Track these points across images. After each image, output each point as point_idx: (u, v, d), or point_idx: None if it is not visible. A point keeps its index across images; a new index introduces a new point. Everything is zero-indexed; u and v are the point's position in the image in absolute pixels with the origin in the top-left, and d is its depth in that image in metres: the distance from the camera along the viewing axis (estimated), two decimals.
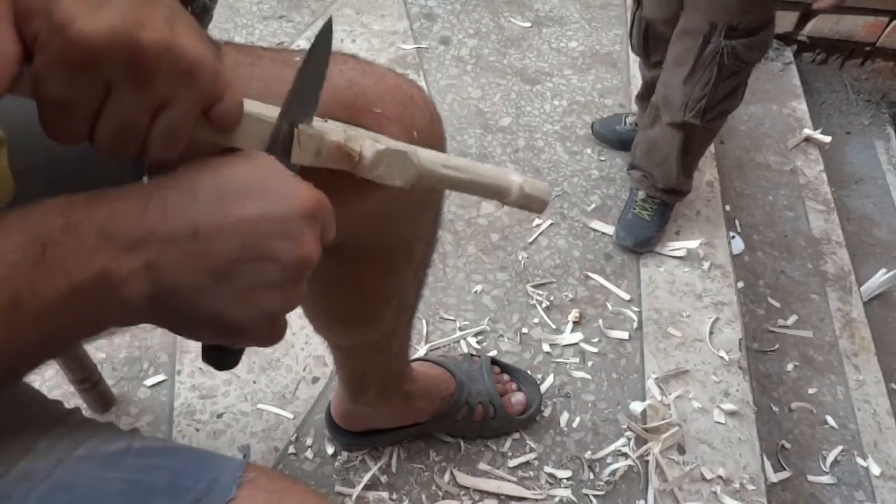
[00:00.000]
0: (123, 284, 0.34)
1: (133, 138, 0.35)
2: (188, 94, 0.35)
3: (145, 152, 0.36)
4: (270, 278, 0.37)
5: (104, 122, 0.34)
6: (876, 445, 1.32)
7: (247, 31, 1.81)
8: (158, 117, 0.35)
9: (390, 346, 0.84)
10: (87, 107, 0.33)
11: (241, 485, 0.40)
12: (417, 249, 0.69)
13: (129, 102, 0.33)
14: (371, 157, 0.42)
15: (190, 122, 0.36)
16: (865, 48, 2.10)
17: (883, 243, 1.78)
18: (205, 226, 0.35)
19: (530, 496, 1.04)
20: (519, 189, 0.48)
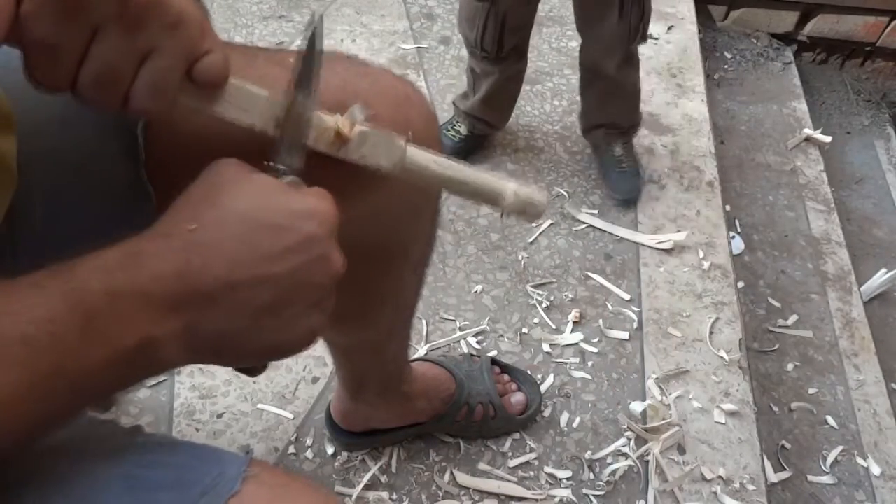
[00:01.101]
0: (165, 345, 0.35)
1: (116, 85, 0.35)
2: (174, 44, 0.35)
3: (128, 104, 0.35)
4: (310, 301, 0.38)
5: (88, 66, 0.33)
6: (876, 445, 1.32)
7: (247, 31, 1.81)
8: (143, 66, 0.35)
9: (389, 346, 0.84)
10: (73, 49, 0.33)
11: (245, 479, 0.41)
12: (416, 249, 0.69)
13: (114, 47, 0.33)
14: (356, 135, 0.42)
15: (174, 75, 0.36)
16: (865, 48, 2.10)
17: (883, 243, 1.78)
18: (244, 276, 0.36)
19: (530, 496, 1.04)
20: (514, 194, 0.47)
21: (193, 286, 0.35)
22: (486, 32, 1.29)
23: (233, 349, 0.37)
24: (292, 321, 0.38)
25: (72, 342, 0.32)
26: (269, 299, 0.36)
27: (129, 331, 0.34)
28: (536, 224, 1.42)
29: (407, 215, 0.63)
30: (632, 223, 1.44)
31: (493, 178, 0.48)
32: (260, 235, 0.36)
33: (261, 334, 0.37)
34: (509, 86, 1.44)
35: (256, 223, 0.37)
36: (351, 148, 0.42)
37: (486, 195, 0.47)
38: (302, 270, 0.37)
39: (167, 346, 0.35)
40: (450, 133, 1.50)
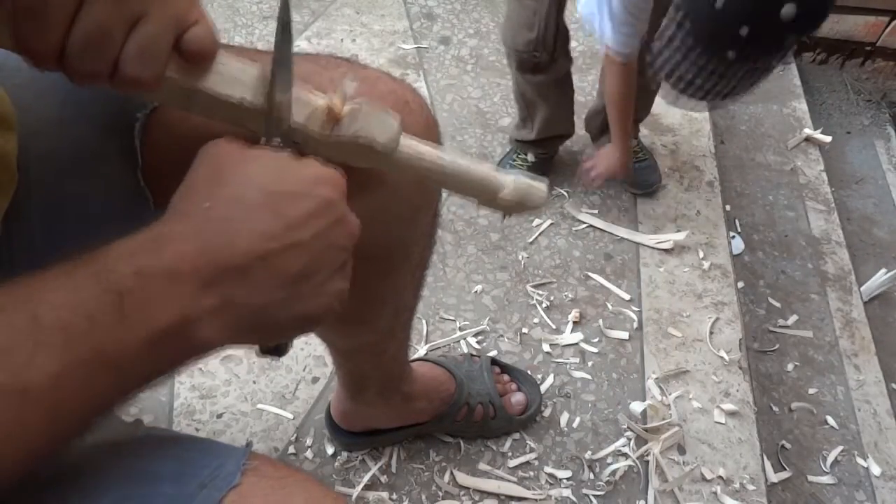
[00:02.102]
0: (202, 323, 0.35)
1: (105, 50, 0.34)
2: (163, 11, 0.35)
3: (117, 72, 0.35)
4: (336, 263, 0.39)
5: (78, 31, 0.33)
6: (876, 445, 1.32)
7: (247, 31, 1.81)
8: (132, 32, 0.34)
9: (389, 347, 0.84)
10: (60, 13, 0.33)
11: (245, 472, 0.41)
12: (415, 251, 0.69)
13: (104, 10, 0.33)
14: (349, 112, 0.41)
15: (164, 41, 0.36)
16: (866, 48, 2.10)
17: (883, 243, 1.78)
18: (270, 245, 0.36)
19: (530, 496, 1.04)
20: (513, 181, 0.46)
21: (222, 262, 0.35)
22: (548, 28, 1.24)
23: (272, 323, 0.37)
24: (323, 286, 0.38)
25: (108, 324, 0.32)
26: (300, 266, 0.37)
27: (163, 310, 0.33)
28: (536, 224, 1.42)
29: (406, 216, 0.63)
30: (632, 223, 1.44)
31: (492, 170, 0.47)
32: (281, 204, 0.37)
33: (296, 303, 0.37)
34: (566, 88, 1.39)
35: (274, 193, 0.37)
36: (344, 125, 0.41)
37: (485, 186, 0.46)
38: (325, 234, 0.38)
39: (204, 324, 0.35)
40: (517, 162, 1.47)
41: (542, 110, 1.39)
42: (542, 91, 1.35)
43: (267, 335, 0.39)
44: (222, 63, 0.39)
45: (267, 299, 0.36)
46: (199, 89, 0.38)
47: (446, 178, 0.46)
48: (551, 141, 1.45)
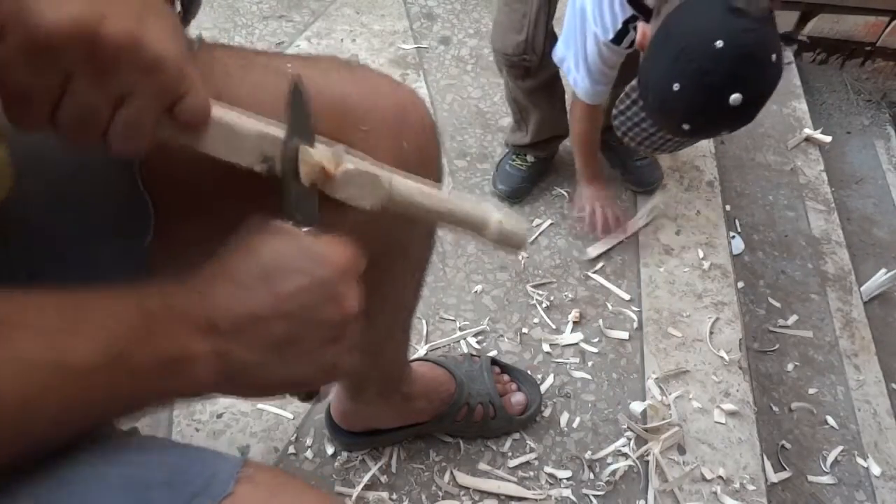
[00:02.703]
0: (198, 364, 0.39)
1: (92, 128, 0.35)
2: (149, 88, 0.35)
3: (106, 145, 0.36)
4: (325, 337, 0.43)
5: (64, 111, 0.34)
6: (876, 445, 1.32)
7: (247, 31, 1.81)
8: (118, 110, 0.35)
9: (389, 347, 0.84)
10: (47, 94, 0.33)
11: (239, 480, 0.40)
12: (414, 252, 0.69)
13: (87, 93, 0.34)
14: (341, 175, 0.43)
15: (150, 118, 0.36)
16: (866, 48, 2.10)
17: (883, 243, 1.78)
18: (261, 311, 0.40)
19: (530, 496, 1.04)
20: (498, 224, 0.48)
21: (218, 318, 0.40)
22: (537, 31, 1.24)
23: (260, 380, 0.42)
24: (310, 355, 0.42)
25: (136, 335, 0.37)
26: (283, 333, 0.41)
27: (174, 341, 0.38)
28: (536, 224, 1.42)
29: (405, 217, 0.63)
30: None
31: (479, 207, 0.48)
32: (274, 278, 0.41)
33: (282, 368, 0.41)
34: (556, 90, 1.38)
35: (273, 268, 0.41)
36: (335, 187, 0.44)
37: (470, 224, 0.48)
38: (313, 309, 0.41)
39: (201, 364, 0.39)
40: (516, 163, 1.47)
41: (535, 114, 1.39)
42: (533, 95, 1.35)
43: (259, 391, 0.44)
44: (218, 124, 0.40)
45: (256, 358, 0.40)
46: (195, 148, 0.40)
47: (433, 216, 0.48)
48: (548, 143, 1.45)
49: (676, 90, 0.97)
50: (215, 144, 0.40)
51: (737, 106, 0.94)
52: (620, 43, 1.11)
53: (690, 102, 0.98)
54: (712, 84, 0.94)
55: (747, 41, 0.93)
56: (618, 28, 1.10)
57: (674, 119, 1.01)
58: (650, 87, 1.02)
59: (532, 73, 1.30)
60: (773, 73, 0.99)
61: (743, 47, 0.93)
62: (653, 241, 1.42)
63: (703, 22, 0.95)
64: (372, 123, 0.50)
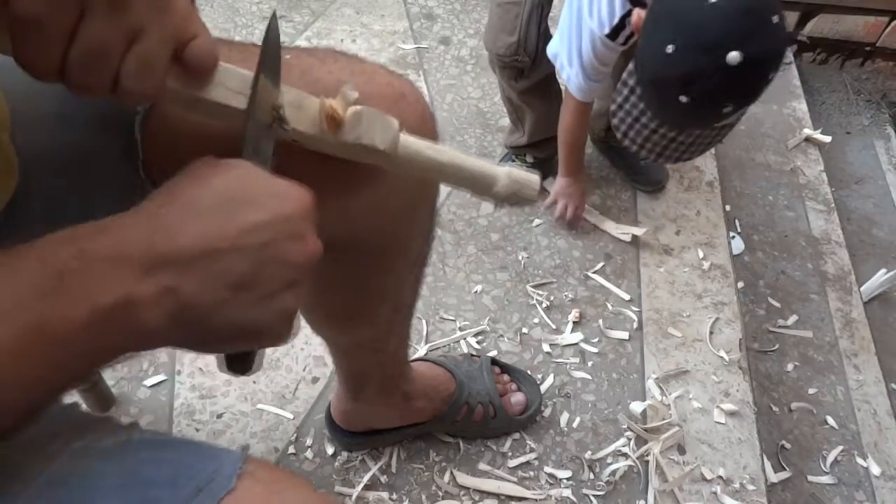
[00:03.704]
0: (145, 308, 0.34)
1: (105, 65, 0.35)
2: (161, 25, 0.35)
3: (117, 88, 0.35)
4: (285, 279, 0.38)
5: (77, 46, 0.33)
6: (876, 445, 1.32)
7: (247, 31, 1.81)
8: (131, 47, 0.35)
9: (388, 345, 0.84)
10: (60, 28, 0.33)
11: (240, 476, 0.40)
12: (413, 247, 0.69)
13: (102, 26, 0.33)
14: (350, 116, 0.42)
15: (162, 56, 0.36)
16: (865, 48, 2.10)
17: (883, 243, 1.78)
18: (218, 242, 0.36)
19: (530, 496, 1.04)
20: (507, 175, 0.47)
21: (164, 252, 0.35)
22: (529, 32, 1.23)
23: (212, 324, 0.37)
24: (267, 300, 0.38)
25: (51, 301, 0.32)
26: (243, 270, 0.37)
27: (106, 290, 0.34)
28: (536, 224, 1.42)
29: (405, 212, 0.63)
30: (632, 223, 1.44)
31: (487, 164, 0.48)
32: (233, 209, 0.37)
33: (237, 310, 0.37)
34: (550, 91, 1.37)
35: (230, 199, 0.37)
36: (346, 130, 0.42)
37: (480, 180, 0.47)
38: (275, 246, 0.37)
39: (147, 307, 0.34)
40: (516, 164, 1.47)
41: (530, 114, 1.39)
42: (527, 96, 1.35)
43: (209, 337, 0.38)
44: (223, 73, 0.39)
45: (208, 298, 0.36)
46: (201, 98, 0.39)
47: (443, 172, 0.47)
48: (545, 143, 1.45)
49: (670, 52, 0.91)
50: (221, 91, 0.39)
51: (736, 65, 0.87)
52: (616, 38, 1.10)
53: (686, 64, 0.91)
54: (708, 41, 0.88)
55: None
56: (615, 23, 1.08)
57: (671, 92, 0.95)
58: (645, 59, 0.97)
59: (525, 74, 1.30)
60: (776, 34, 0.90)
61: (740, 1, 0.87)
62: (653, 241, 1.42)
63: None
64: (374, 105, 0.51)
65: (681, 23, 0.91)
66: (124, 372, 1.11)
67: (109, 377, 1.08)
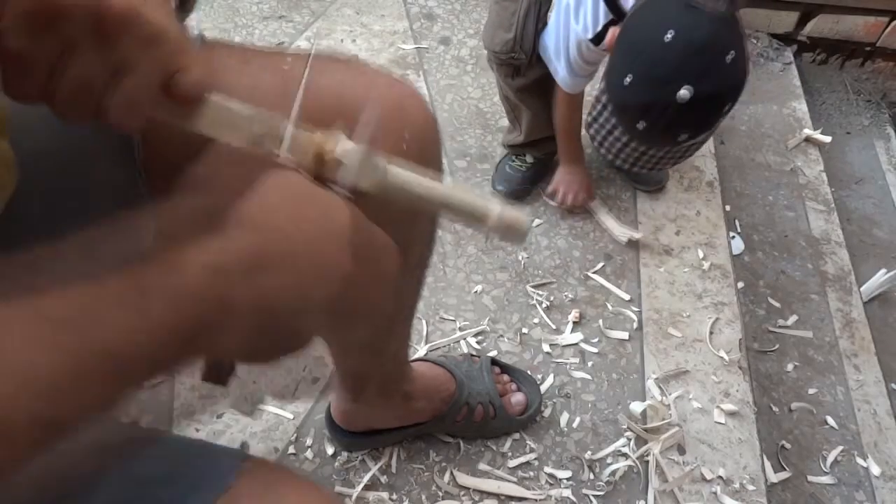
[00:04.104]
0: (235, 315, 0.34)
1: (90, 99, 0.35)
2: (149, 60, 0.35)
3: (103, 118, 0.36)
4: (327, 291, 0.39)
5: (63, 80, 0.34)
6: (876, 446, 1.32)
7: (247, 31, 1.81)
8: (117, 82, 0.35)
9: (389, 346, 0.84)
10: (46, 63, 0.33)
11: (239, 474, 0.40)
12: (415, 249, 0.69)
13: (88, 62, 0.33)
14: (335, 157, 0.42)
15: (148, 91, 0.36)
16: (866, 48, 2.10)
17: (883, 243, 1.78)
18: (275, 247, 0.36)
19: (530, 496, 1.04)
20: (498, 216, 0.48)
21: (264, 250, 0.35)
22: (526, 29, 1.23)
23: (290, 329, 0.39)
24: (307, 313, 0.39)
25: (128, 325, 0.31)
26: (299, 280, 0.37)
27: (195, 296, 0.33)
28: (536, 224, 1.42)
29: (406, 215, 0.63)
30: (632, 223, 1.44)
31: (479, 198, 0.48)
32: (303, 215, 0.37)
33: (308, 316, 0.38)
34: (547, 90, 1.35)
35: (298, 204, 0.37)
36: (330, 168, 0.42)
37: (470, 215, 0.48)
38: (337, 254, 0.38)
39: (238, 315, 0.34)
40: (515, 164, 1.47)
41: (527, 113, 1.39)
42: (523, 94, 1.35)
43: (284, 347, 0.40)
44: (211, 106, 0.39)
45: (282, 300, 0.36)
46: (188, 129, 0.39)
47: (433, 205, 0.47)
48: (543, 142, 1.45)
49: (628, 83, 0.97)
50: (211, 125, 0.39)
51: (686, 102, 0.93)
52: (599, 44, 1.11)
53: (641, 95, 0.98)
54: (660, 76, 0.94)
55: (698, 35, 0.92)
56: (598, 30, 1.11)
57: (630, 116, 1.01)
58: (609, 84, 1.03)
59: (522, 71, 1.30)
60: (729, 73, 0.97)
61: (693, 40, 0.92)
62: (653, 241, 1.42)
63: (656, 16, 0.96)
64: None
65: (637, 57, 0.97)
66: None
67: None
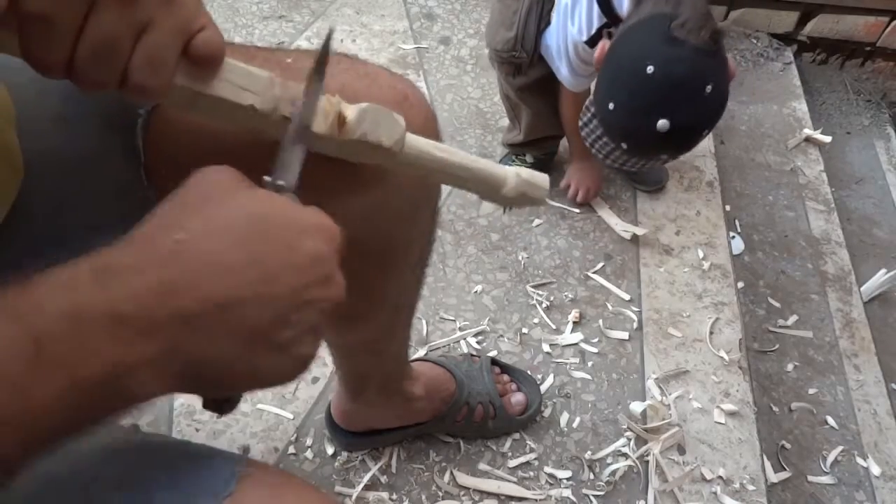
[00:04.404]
0: (137, 373, 0.31)
1: (114, 59, 0.34)
2: (170, 18, 0.35)
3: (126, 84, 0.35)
4: (309, 325, 0.35)
5: (85, 41, 0.33)
6: (876, 446, 1.32)
7: (247, 31, 1.81)
8: (140, 40, 0.34)
9: (389, 346, 0.84)
10: (68, 23, 0.32)
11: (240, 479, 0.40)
12: (415, 248, 0.69)
13: (111, 20, 0.33)
14: (355, 114, 0.42)
15: (171, 50, 0.35)
16: (866, 48, 2.10)
17: (883, 243, 1.78)
18: (237, 293, 0.32)
19: (530, 496, 1.04)
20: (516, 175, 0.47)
21: (176, 306, 0.31)
22: (528, 28, 1.23)
23: (218, 377, 0.33)
24: (286, 349, 0.34)
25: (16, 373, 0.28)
26: (265, 322, 0.33)
27: (92, 358, 0.29)
28: (536, 224, 1.42)
29: (407, 213, 0.63)
30: (632, 223, 1.44)
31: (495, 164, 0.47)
32: (264, 249, 0.33)
33: (251, 361, 0.33)
34: (548, 90, 1.34)
35: (260, 236, 0.33)
36: (351, 127, 0.41)
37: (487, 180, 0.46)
38: (305, 292, 0.34)
39: (140, 374, 0.30)
40: (515, 163, 1.47)
41: (527, 112, 1.39)
42: (524, 93, 1.35)
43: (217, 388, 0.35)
44: (230, 69, 0.39)
45: (216, 353, 0.32)
46: (208, 95, 0.38)
47: (449, 174, 0.46)
48: (543, 142, 1.45)
49: (611, 109, 1.03)
50: (228, 86, 0.39)
51: (665, 132, 0.97)
52: (594, 46, 1.12)
53: (623, 121, 1.03)
54: (639, 108, 0.99)
55: (678, 70, 0.95)
56: (592, 34, 1.12)
57: (614, 136, 1.07)
58: (595, 102, 1.09)
59: (523, 70, 1.30)
60: (707, 105, 1.00)
61: (672, 75, 0.95)
62: (653, 241, 1.42)
63: (640, 46, 0.99)
64: None
65: (621, 86, 1.01)
66: None
67: None
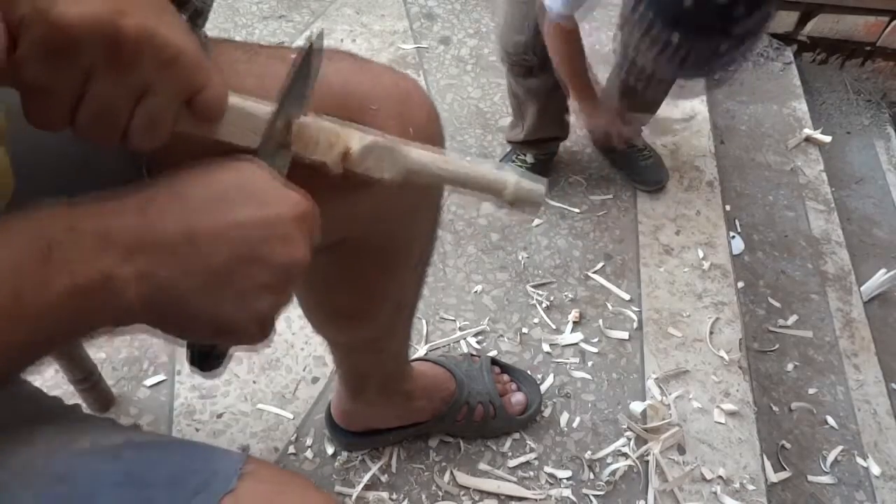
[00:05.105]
0: (122, 288, 0.35)
1: (113, 125, 0.35)
2: (169, 82, 0.35)
3: (127, 141, 0.36)
4: (263, 281, 0.38)
5: (84, 109, 0.34)
6: (876, 445, 1.32)
7: (246, 31, 1.81)
8: (139, 105, 0.35)
9: (389, 345, 0.84)
10: (67, 92, 0.33)
11: (241, 477, 0.40)
12: (415, 248, 0.69)
13: (109, 88, 0.34)
14: (359, 151, 0.43)
15: (171, 111, 0.36)
16: (866, 48, 2.10)
17: (883, 243, 1.78)
18: (200, 232, 0.36)
19: (530, 496, 1.04)
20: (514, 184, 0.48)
21: (152, 232, 0.35)
22: (538, 32, 1.21)
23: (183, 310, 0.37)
24: (244, 297, 0.38)
25: (33, 269, 0.33)
26: (222, 262, 0.36)
27: (90, 265, 0.34)
28: (536, 224, 1.42)
29: (408, 213, 0.63)
30: (631, 223, 1.44)
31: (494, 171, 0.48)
32: (226, 203, 0.37)
33: (211, 301, 0.37)
34: (556, 93, 1.34)
35: (227, 193, 0.37)
36: (354, 161, 0.43)
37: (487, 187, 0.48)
38: (262, 244, 0.37)
39: (126, 287, 0.35)
40: (516, 164, 1.47)
41: (532, 112, 1.39)
42: (532, 94, 1.35)
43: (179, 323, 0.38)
44: (234, 112, 0.40)
45: (184, 284, 0.36)
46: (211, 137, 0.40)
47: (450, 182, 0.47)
48: (545, 143, 1.45)
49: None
50: (232, 131, 0.40)
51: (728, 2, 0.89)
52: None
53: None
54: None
55: None
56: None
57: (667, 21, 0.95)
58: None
59: (534, 73, 1.30)
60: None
61: None
62: (653, 241, 1.42)
63: None
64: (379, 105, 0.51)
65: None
66: (124, 372, 1.11)
67: (109, 377, 1.08)
